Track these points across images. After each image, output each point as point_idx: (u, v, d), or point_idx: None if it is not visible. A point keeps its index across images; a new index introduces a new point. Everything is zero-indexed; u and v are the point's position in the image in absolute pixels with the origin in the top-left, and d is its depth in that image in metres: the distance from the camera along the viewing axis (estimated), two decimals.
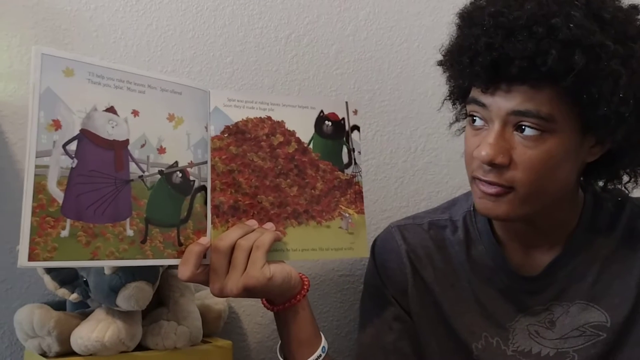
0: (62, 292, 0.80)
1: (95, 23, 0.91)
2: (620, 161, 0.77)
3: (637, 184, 0.82)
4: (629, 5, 0.75)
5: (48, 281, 0.80)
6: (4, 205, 0.87)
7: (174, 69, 0.97)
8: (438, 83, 0.91)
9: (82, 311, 0.82)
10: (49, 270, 0.79)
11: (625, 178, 0.82)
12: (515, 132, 0.73)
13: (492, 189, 0.75)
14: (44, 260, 0.60)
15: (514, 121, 0.73)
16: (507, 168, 0.73)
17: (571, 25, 0.68)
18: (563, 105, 0.71)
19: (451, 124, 0.90)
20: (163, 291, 0.85)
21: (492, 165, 0.73)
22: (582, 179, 0.83)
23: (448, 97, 0.87)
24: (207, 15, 0.99)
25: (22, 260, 0.59)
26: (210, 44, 0.99)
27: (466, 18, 0.77)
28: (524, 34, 0.69)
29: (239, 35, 1.01)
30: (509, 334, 0.86)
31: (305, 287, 0.77)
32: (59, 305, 0.83)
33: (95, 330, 0.75)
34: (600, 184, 0.83)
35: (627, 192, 0.84)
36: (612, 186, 0.81)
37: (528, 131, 0.72)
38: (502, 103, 0.73)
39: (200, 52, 0.99)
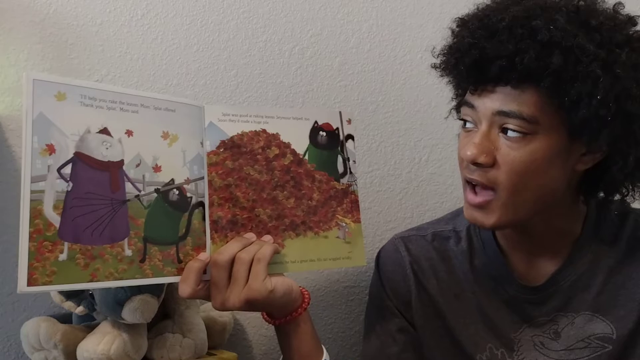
0: (68, 305, 0.81)
1: (101, 37, 0.93)
2: (612, 171, 0.77)
3: (634, 197, 0.81)
4: (626, 15, 0.75)
5: (54, 294, 0.81)
6: (11, 219, 0.88)
7: (179, 82, 0.98)
8: (442, 94, 0.91)
9: (88, 324, 0.83)
10: None
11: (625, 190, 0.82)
12: (500, 134, 0.75)
13: (477, 199, 0.77)
14: (43, 284, 0.61)
15: (499, 122, 0.74)
16: (491, 168, 0.75)
17: (552, 27, 0.69)
18: (547, 108, 0.72)
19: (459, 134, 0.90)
20: (168, 304, 0.85)
21: (476, 164, 0.75)
22: (583, 190, 0.83)
23: (455, 107, 0.88)
24: (211, 29, 1.00)
25: (21, 285, 0.60)
26: (214, 57, 1.00)
27: (459, 23, 0.79)
28: (505, 34, 0.71)
29: (243, 48, 1.02)
30: (514, 345, 0.86)
31: (306, 300, 0.77)
32: (64, 318, 0.83)
33: (101, 343, 0.75)
34: (601, 195, 0.82)
35: (628, 202, 0.84)
36: (612, 197, 0.81)
37: (511, 133, 0.73)
38: (488, 104, 0.75)
39: (204, 65, 0.99)
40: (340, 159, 0.82)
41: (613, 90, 0.69)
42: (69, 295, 0.80)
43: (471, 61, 0.74)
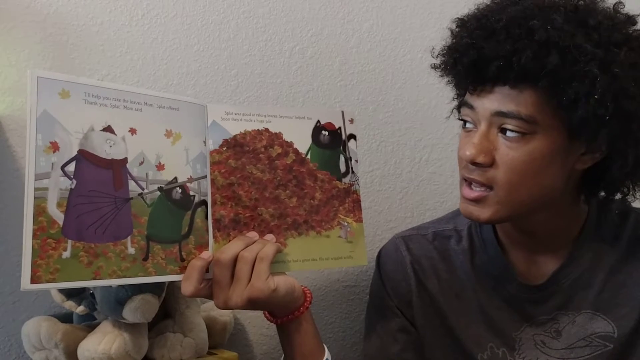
0: (69, 305, 0.81)
1: (102, 37, 0.93)
2: (612, 170, 0.77)
3: (634, 196, 0.81)
4: (626, 14, 0.76)
5: (55, 294, 0.81)
6: (12, 218, 0.88)
7: (179, 82, 0.98)
8: (442, 94, 0.91)
9: (89, 323, 0.83)
10: None
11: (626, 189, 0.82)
12: (499, 134, 0.75)
13: (473, 194, 0.77)
14: (47, 282, 0.61)
15: (498, 123, 0.75)
16: (490, 168, 0.75)
17: (549, 27, 0.70)
18: (545, 107, 0.72)
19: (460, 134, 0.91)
20: (169, 303, 0.85)
21: (475, 164, 0.76)
22: (584, 189, 0.83)
23: (455, 107, 0.88)
24: (212, 29, 1.00)
25: (25, 283, 0.60)
26: (215, 57, 1.00)
27: (458, 23, 0.80)
28: (502, 34, 0.72)
29: (243, 48, 1.02)
30: (515, 344, 0.86)
31: (308, 299, 0.77)
32: (65, 318, 0.83)
33: (102, 342, 0.75)
34: (602, 194, 0.83)
35: (629, 201, 0.84)
36: (612, 196, 0.81)
37: (510, 133, 0.74)
38: (487, 104, 0.75)
39: (205, 65, 0.99)
40: (342, 158, 0.82)
41: (611, 90, 0.70)
42: (69, 294, 0.80)
43: (469, 61, 0.74)
